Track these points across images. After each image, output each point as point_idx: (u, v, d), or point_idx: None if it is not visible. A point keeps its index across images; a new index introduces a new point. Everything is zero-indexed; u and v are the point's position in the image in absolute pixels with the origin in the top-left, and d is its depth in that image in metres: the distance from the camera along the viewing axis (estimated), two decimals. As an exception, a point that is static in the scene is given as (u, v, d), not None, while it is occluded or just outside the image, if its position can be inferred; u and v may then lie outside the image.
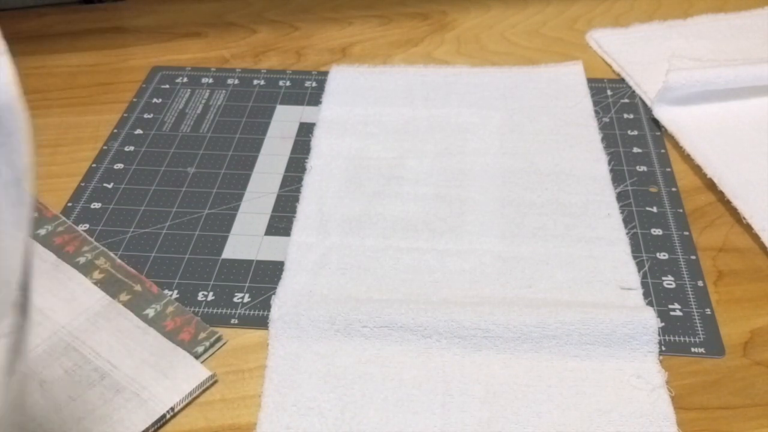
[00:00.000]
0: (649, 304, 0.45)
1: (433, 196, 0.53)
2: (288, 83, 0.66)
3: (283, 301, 0.45)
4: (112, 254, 0.49)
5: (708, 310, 0.45)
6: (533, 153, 0.57)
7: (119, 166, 0.57)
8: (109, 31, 0.74)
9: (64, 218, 0.52)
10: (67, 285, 0.47)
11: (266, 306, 0.46)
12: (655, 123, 0.60)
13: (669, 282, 0.47)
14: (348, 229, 0.51)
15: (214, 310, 0.46)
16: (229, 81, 0.67)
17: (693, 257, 0.48)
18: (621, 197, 0.53)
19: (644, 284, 0.46)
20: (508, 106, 0.62)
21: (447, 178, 0.55)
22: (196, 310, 0.46)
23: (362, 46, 0.71)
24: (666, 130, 0.59)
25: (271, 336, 0.44)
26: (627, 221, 0.51)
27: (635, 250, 0.49)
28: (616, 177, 0.55)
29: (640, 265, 0.48)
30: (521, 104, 0.62)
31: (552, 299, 0.45)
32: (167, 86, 0.66)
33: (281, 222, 0.52)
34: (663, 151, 0.57)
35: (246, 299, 0.46)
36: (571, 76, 0.65)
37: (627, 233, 0.50)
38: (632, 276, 0.47)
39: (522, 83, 0.64)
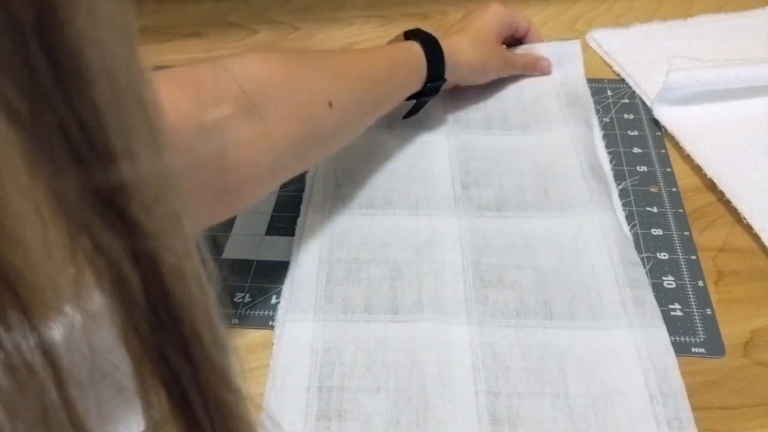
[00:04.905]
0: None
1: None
2: (288, 83, 0.66)
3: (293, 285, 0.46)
4: (112, 254, 0.49)
5: (708, 310, 0.45)
6: None
7: (120, 166, 0.57)
8: (110, 31, 0.73)
9: (64, 218, 0.52)
10: (67, 285, 0.47)
11: (267, 306, 0.46)
12: (655, 123, 0.60)
13: (669, 282, 0.47)
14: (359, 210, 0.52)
15: (215, 310, 0.46)
16: (230, 81, 0.66)
17: (693, 257, 0.48)
18: (621, 197, 0.53)
19: (644, 284, 0.47)
20: None
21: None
22: (197, 309, 0.46)
23: (363, 46, 0.70)
24: (666, 130, 0.59)
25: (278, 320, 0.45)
26: (627, 221, 0.51)
27: (635, 249, 0.49)
28: (617, 176, 0.55)
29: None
30: None
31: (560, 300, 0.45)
32: (168, 86, 0.66)
33: (282, 222, 0.52)
34: (663, 151, 0.57)
35: (246, 299, 0.46)
36: (568, 49, 0.65)
37: (630, 230, 0.50)
38: (640, 274, 0.47)
39: None
